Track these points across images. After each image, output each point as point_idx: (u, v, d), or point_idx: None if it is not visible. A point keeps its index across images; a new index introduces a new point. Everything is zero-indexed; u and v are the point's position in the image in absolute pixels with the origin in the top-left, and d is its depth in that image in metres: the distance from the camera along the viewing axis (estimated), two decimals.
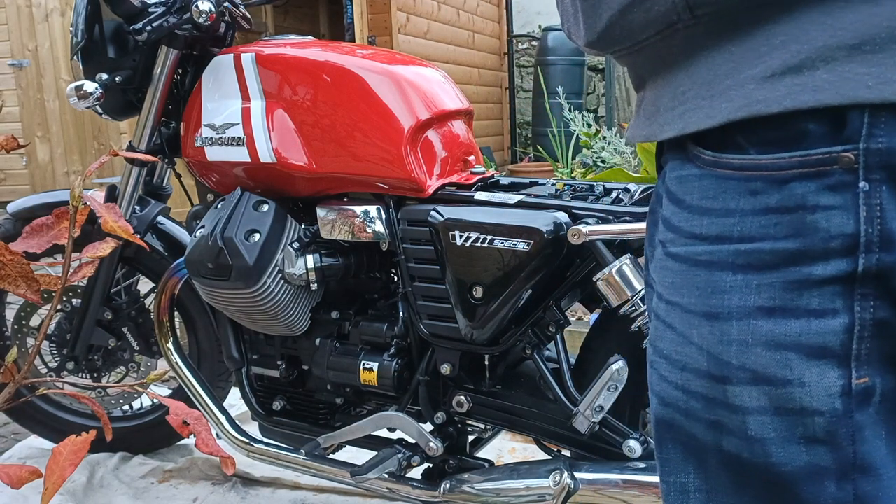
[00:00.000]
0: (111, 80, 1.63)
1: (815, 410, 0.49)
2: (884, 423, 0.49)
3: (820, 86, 0.45)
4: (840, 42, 0.45)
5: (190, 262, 1.46)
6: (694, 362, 0.52)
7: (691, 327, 0.52)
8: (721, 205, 0.50)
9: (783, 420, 0.50)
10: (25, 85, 5.90)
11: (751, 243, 0.49)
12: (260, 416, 1.64)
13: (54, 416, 2.07)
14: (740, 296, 0.50)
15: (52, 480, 1.02)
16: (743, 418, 0.51)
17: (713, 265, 0.51)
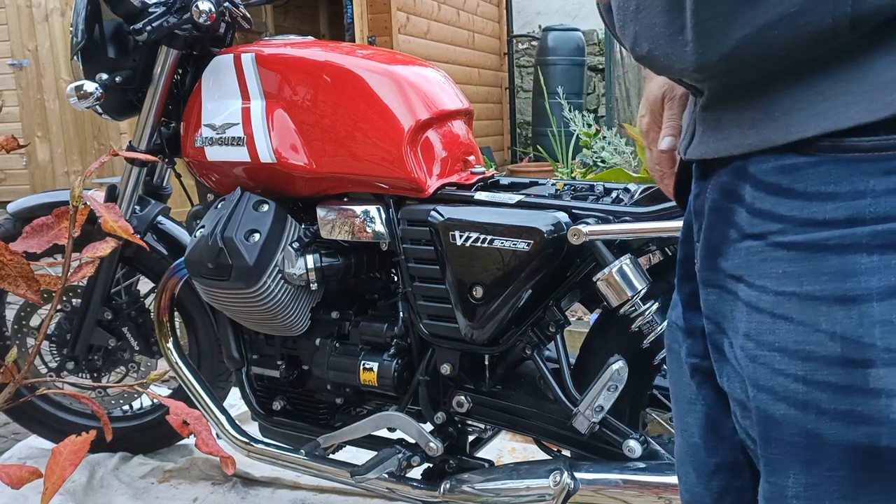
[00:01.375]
0: (111, 80, 1.63)
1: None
2: None
3: None
4: None
5: (190, 262, 1.46)
6: (822, 349, 0.51)
7: (818, 314, 0.51)
8: (849, 188, 0.49)
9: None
10: (25, 85, 5.90)
11: (887, 223, 0.48)
12: (260, 416, 1.64)
13: (54, 416, 2.07)
14: (880, 276, 0.48)
15: (52, 480, 1.02)
16: (888, 402, 0.49)
17: (845, 248, 0.49)
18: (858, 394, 0.50)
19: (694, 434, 0.68)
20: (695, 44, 0.52)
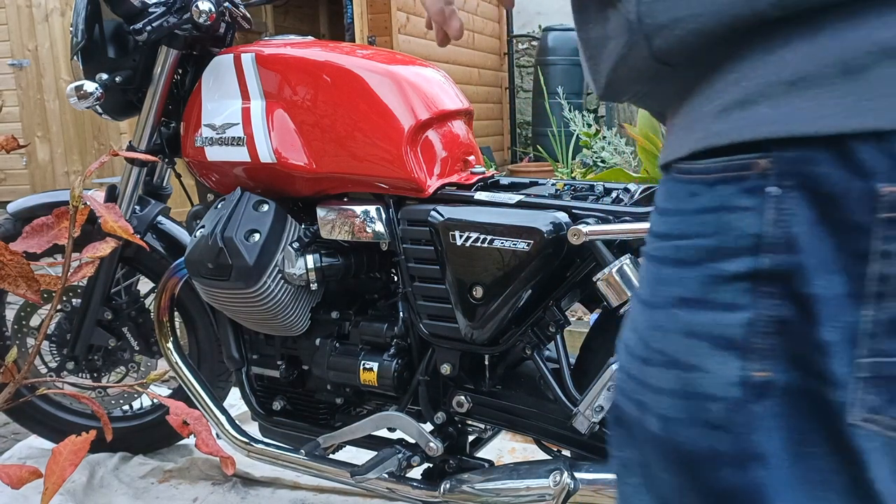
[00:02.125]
0: (111, 80, 1.63)
1: (715, 397, 0.53)
2: (785, 417, 0.52)
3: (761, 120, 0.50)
4: (782, 78, 0.50)
5: (190, 262, 1.46)
6: (634, 347, 0.59)
7: (638, 315, 0.59)
8: (673, 206, 0.56)
9: (689, 403, 0.54)
10: (25, 85, 5.90)
11: (685, 240, 0.54)
12: (260, 416, 1.64)
13: (54, 416, 2.07)
14: (669, 287, 0.55)
15: (52, 480, 1.02)
16: (660, 398, 0.56)
17: (659, 260, 0.57)
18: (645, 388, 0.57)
19: None
20: (592, 81, 0.65)
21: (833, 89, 0.49)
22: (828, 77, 0.49)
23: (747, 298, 0.52)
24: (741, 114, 0.52)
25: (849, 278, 0.50)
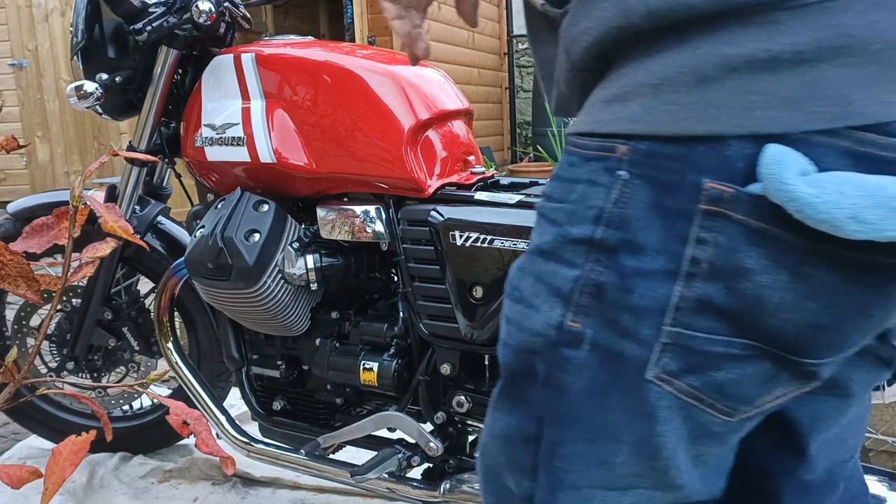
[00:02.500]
0: (111, 80, 1.63)
1: (539, 333, 0.64)
2: (591, 368, 0.62)
3: (631, 115, 0.59)
4: (648, 81, 0.58)
5: (190, 262, 1.46)
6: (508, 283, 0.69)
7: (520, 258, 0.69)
8: (560, 173, 0.65)
9: (522, 333, 0.65)
10: (25, 85, 5.90)
11: (559, 203, 0.64)
12: (260, 416, 1.64)
13: (54, 416, 2.06)
14: (538, 238, 0.66)
15: (52, 480, 1.02)
16: (508, 326, 0.68)
17: (541, 216, 0.67)
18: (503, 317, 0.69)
19: None
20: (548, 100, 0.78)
21: (688, 95, 0.56)
22: (685, 84, 0.56)
23: (581, 260, 0.61)
24: (618, 107, 0.60)
25: (668, 257, 0.58)
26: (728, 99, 0.55)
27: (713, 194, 0.55)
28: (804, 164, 0.53)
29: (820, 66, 0.53)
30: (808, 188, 0.52)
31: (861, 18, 0.52)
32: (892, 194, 0.51)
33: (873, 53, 0.53)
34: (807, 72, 0.53)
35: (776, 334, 0.58)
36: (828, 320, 0.58)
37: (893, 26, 0.53)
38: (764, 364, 0.60)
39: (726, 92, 0.55)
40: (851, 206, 0.51)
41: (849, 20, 0.52)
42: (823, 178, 0.52)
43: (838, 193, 0.51)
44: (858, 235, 0.51)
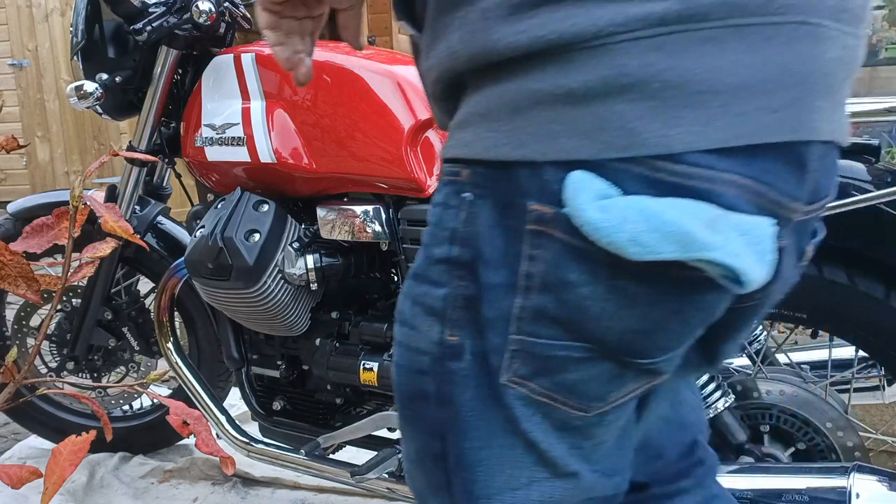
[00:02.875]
0: (111, 80, 1.63)
1: (424, 351, 0.68)
2: (474, 375, 0.67)
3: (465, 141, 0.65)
4: (478, 111, 0.64)
5: (190, 263, 1.46)
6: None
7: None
8: (433, 199, 0.70)
9: (410, 353, 0.70)
10: (25, 85, 5.90)
11: (427, 226, 0.69)
12: (260, 416, 1.64)
13: (54, 416, 2.07)
14: (415, 263, 0.70)
15: (52, 480, 1.02)
16: (398, 348, 0.72)
17: (421, 241, 0.71)
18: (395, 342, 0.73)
19: None
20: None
21: (506, 124, 0.62)
22: (504, 114, 0.62)
23: (445, 278, 0.66)
24: (459, 133, 0.66)
25: (509, 272, 0.63)
26: (536, 128, 0.60)
27: (536, 215, 0.61)
28: (604, 189, 0.58)
29: (607, 101, 0.58)
30: (597, 213, 0.57)
31: (640, 59, 0.57)
32: (666, 219, 0.56)
33: (654, 91, 0.57)
34: (597, 106, 0.58)
35: (604, 339, 0.63)
36: (647, 326, 0.63)
37: (670, 67, 0.57)
38: (605, 364, 0.65)
39: (535, 122, 0.60)
40: (631, 230, 0.56)
41: (628, 61, 0.57)
42: (614, 204, 0.57)
43: (622, 219, 0.56)
44: (637, 256, 0.56)
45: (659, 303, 0.62)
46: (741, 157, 0.58)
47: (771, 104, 0.58)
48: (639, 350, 0.65)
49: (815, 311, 1.20)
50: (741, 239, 0.57)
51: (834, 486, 1.15)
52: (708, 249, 0.56)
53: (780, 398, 1.29)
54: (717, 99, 0.57)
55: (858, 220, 1.12)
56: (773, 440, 1.31)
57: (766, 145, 0.59)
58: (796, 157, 0.60)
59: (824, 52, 0.60)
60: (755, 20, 0.57)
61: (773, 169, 0.60)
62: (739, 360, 1.50)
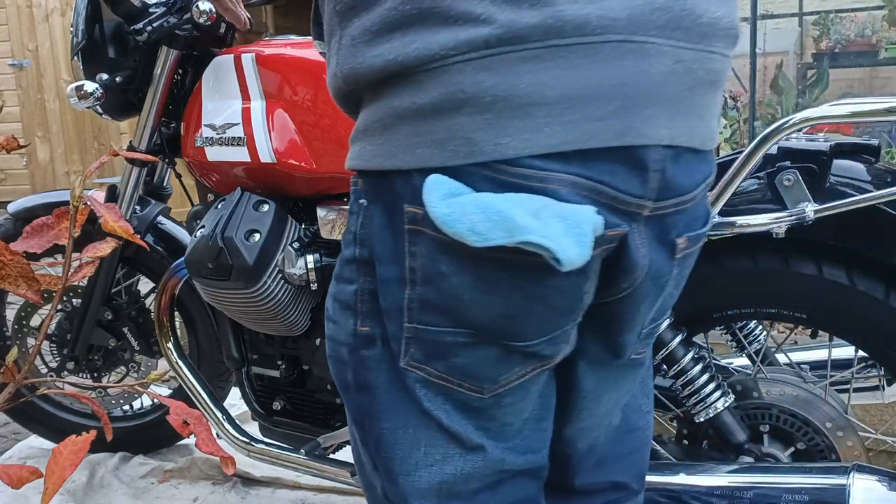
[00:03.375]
0: (111, 80, 1.63)
1: (343, 342, 0.79)
2: (386, 360, 0.76)
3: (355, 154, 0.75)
4: (360, 127, 0.74)
5: (190, 263, 1.46)
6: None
7: None
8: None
9: (333, 345, 0.80)
10: (26, 85, 5.90)
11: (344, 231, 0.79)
12: (260, 415, 1.64)
13: (55, 416, 2.07)
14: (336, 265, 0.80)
15: (52, 480, 1.02)
16: (327, 343, 0.82)
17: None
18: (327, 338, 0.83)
19: None
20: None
21: (379, 138, 0.71)
22: (377, 129, 0.71)
23: (354, 276, 0.76)
24: (352, 147, 0.75)
25: (398, 267, 0.72)
26: (402, 140, 0.69)
27: (411, 216, 0.70)
28: (456, 188, 0.66)
29: (451, 115, 0.67)
30: (444, 208, 0.65)
31: (472, 77, 0.66)
32: (496, 210, 0.63)
33: (486, 105, 0.65)
34: (444, 119, 0.67)
35: (480, 324, 0.72)
36: (513, 311, 0.71)
37: (498, 83, 0.65)
38: (490, 349, 0.73)
39: (400, 135, 0.70)
40: (469, 221, 0.63)
41: (462, 79, 0.66)
42: (458, 200, 0.65)
43: (462, 212, 0.64)
44: (476, 244, 0.63)
45: (518, 288, 0.70)
46: (576, 161, 0.67)
47: (594, 114, 0.66)
48: (514, 334, 0.73)
49: (815, 311, 1.20)
50: (560, 224, 0.64)
51: (833, 485, 1.15)
52: (527, 233, 0.63)
53: (780, 398, 1.29)
54: (542, 110, 0.65)
55: (858, 221, 1.13)
56: (773, 440, 1.31)
57: (601, 149, 0.67)
58: (634, 159, 0.68)
59: (651, 66, 0.67)
60: (573, 40, 0.65)
61: (609, 170, 0.68)
62: (739, 359, 1.50)
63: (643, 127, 0.67)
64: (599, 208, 0.67)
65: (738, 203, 1.18)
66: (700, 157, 0.75)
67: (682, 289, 0.84)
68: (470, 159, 0.66)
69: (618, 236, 0.70)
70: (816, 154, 1.13)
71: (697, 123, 0.72)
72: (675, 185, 0.72)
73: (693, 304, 1.28)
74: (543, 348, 0.74)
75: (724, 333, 1.58)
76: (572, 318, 0.75)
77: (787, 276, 1.20)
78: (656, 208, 0.72)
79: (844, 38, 5.04)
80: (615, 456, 0.94)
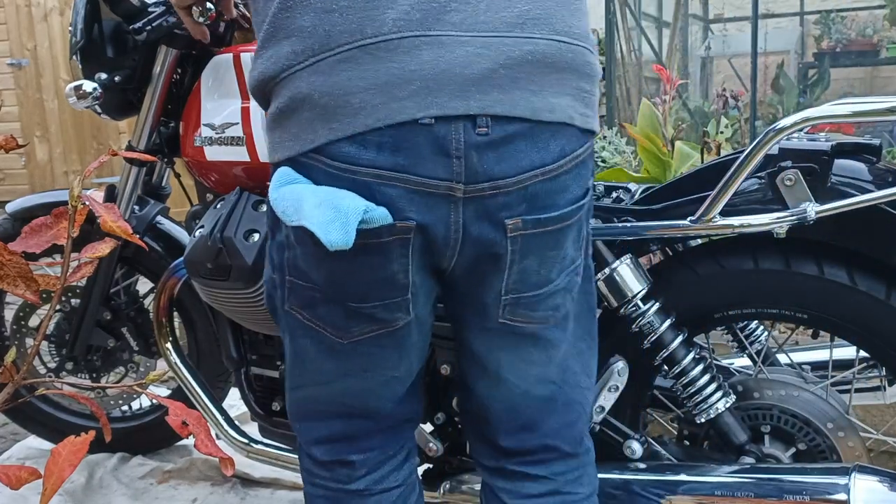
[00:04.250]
0: (110, 79, 1.63)
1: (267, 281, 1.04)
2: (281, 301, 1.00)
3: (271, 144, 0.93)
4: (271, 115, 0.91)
5: (189, 263, 1.45)
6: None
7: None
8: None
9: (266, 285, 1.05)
10: (24, 84, 5.89)
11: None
12: (259, 416, 1.63)
13: (54, 416, 2.06)
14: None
15: (51, 481, 1.01)
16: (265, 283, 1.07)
17: None
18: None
19: None
20: None
21: (280, 126, 0.88)
22: (279, 118, 0.88)
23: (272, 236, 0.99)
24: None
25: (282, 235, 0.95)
26: (275, 138, 0.89)
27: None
28: (292, 178, 0.85)
29: (297, 113, 0.85)
30: (275, 194, 0.85)
31: (306, 81, 0.84)
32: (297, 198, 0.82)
33: (317, 101, 0.83)
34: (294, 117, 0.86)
35: (323, 285, 0.92)
36: (340, 277, 0.90)
37: (324, 82, 0.82)
38: (338, 305, 0.93)
39: (275, 134, 0.89)
40: (284, 205, 0.83)
41: (299, 83, 0.84)
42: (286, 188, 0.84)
43: (282, 198, 0.84)
44: (287, 222, 0.84)
45: (335, 261, 0.87)
46: (385, 151, 0.82)
47: (398, 94, 0.81)
48: (348, 295, 0.91)
49: (817, 311, 1.20)
50: (332, 213, 0.80)
51: (835, 486, 1.15)
52: (303, 220, 0.81)
53: (781, 398, 1.29)
54: (356, 98, 0.81)
55: (860, 221, 1.12)
56: (774, 440, 1.30)
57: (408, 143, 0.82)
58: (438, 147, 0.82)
59: (449, 52, 0.81)
60: (374, 40, 0.81)
61: (413, 159, 0.83)
62: (740, 360, 1.50)
63: (445, 101, 0.81)
64: (408, 194, 0.84)
65: (739, 203, 1.18)
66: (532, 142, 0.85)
67: (556, 266, 0.95)
68: (312, 144, 0.84)
69: (409, 228, 0.86)
70: (818, 154, 1.12)
71: (526, 96, 0.83)
72: (486, 171, 0.84)
73: (694, 304, 1.28)
74: (378, 312, 0.92)
75: (724, 333, 1.58)
76: (395, 292, 0.91)
77: (788, 276, 1.20)
78: (470, 191, 0.85)
79: (846, 37, 5.04)
80: (550, 425, 1.06)
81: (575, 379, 1.06)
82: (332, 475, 1.09)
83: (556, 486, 1.07)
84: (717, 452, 1.32)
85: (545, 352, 1.01)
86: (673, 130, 2.45)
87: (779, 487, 1.18)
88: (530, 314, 0.97)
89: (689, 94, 4.66)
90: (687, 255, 1.34)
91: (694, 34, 5.41)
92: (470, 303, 0.97)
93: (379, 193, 0.83)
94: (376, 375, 1.00)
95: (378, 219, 0.83)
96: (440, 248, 0.89)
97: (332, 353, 0.98)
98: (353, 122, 0.81)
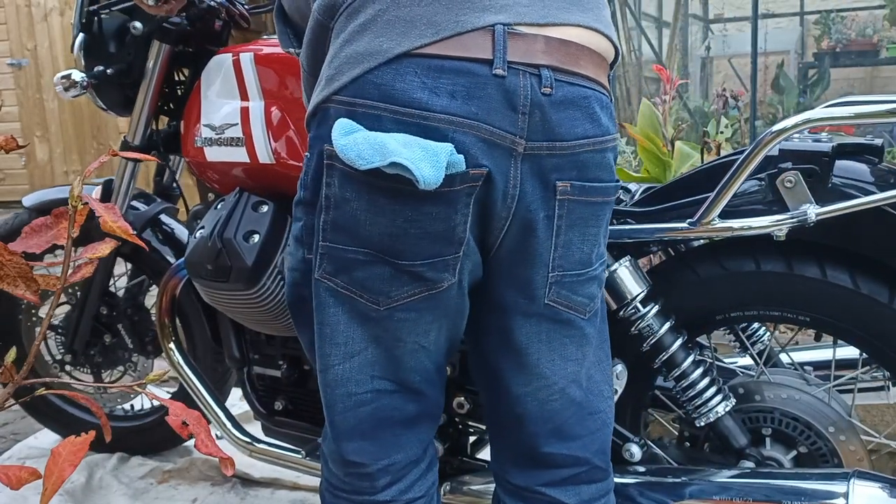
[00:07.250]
0: (101, 71, 1.63)
1: (295, 269, 1.02)
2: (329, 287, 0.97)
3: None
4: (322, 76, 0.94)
5: (189, 264, 1.45)
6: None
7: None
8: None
9: (290, 273, 1.04)
10: (24, 84, 5.89)
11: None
12: (262, 415, 1.63)
13: (64, 411, 2.06)
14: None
15: (50, 481, 1.01)
16: (286, 273, 1.05)
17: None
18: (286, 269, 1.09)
19: None
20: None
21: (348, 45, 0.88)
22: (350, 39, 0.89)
23: (302, 214, 0.98)
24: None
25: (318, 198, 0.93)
26: (321, 84, 0.90)
27: (328, 153, 0.89)
28: (354, 128, 0.84)
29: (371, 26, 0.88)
30: (342, 141, 0.83)
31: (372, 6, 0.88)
32: (377, 141, 0.82)
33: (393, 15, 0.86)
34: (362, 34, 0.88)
35: (371, 242, 0.89)
36: (395, 230, 0.88)
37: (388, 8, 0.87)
38: (383, 267, 0.91)
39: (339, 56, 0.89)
40: (357, 149, 0.82)
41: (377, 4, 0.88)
42: (353, 136, 0.83)
43: (354, 143, 0.82)
44: (361, 167, 0.81)
45: (398, 212, 0.87)
46: (458, 99, 0.84)
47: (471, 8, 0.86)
48: (398, 252, 0.89)
49: (819, 314, 1.19)
50: (421, 152, 0.81)
51: (833, 492, 1.14)
52: (395, 156, 0.80)
53: (783, 401, 1.28)
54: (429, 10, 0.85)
55: (862, 223, 1.12)
56: (775, 443, 1.30)
57: (481, 92, 0.84)
58: (507, 101, 0.85)
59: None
60: None
61: (485, 109, 0.85)
62: (743, 360, 1.49)
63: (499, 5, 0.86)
64: (479, 142, 0.85)
65: (739, 204, 1.17)
66: (586, 112, 0.89)
67: (595, 248, 0.97)
68: (373, 63, 0.85)
69: (481, 175, 0.86)
70: (818, 155, 1.12)
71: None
72: (546, 131, 0.87)
73: (695, 305, 1.27)
74: (426, 271, 0.91)
75: (727, 334, 1.58)
76: (450, 248, 0.90)
77: (790, 278, 1.19)
78: (529, 147, 0.87)
79: (845, 37, 5.04)
80: (578, 434, 1.05)
81: (598, 388, 1.07)
82: (356, 487, 1.09)
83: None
84: (718, 455, 1.32)
85: (580, 348, 1.02)
86: (673, 130, 2.45)
87: (777, 493, 1.18)
88: (572, 297, 0.98)
89: (689, 94, 4.66)
90: (688, 255, 1.33)
91: (694, 34, 5.42)
92: (515, 283, 0.96)
93: (452, 140, 0.84)
94: (408, 344, 0.98)
95: (456, 163, 0.84)
96: (497, 208, 0.89)
97: (365, 322, 0.95)
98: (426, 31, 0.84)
